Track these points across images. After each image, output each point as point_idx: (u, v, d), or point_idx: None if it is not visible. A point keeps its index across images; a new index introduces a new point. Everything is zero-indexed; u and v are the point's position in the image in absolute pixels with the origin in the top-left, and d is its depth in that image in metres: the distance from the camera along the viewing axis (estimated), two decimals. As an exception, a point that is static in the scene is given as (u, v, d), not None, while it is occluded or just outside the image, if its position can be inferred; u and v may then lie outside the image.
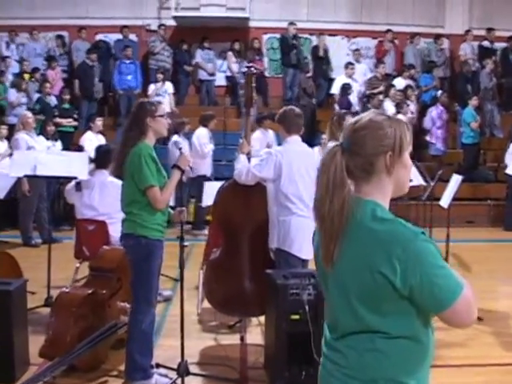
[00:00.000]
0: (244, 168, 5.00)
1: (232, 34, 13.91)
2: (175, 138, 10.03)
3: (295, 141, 5.14)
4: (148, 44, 14.14)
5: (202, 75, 14.19)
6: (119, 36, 14.31)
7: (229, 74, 14.08)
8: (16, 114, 12.09)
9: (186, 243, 4.40)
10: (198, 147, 10.35)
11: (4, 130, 9.94)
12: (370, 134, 1.99)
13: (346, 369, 1.97)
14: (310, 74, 13.77)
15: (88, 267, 5.34)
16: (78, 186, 6.29)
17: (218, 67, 14.40)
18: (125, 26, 14.24)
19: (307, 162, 5.07)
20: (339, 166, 1.96)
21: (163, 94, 12.92)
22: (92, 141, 10.20)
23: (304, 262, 5.08)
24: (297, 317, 4.39)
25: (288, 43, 13.37)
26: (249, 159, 5.12)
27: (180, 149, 4.56)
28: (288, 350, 4.44)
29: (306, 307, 4.34)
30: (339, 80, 13.01)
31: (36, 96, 12.22)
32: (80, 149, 9.88)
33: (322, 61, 13.76)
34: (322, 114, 12.74)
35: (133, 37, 14.49)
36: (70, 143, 11.49)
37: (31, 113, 9.90)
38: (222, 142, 12.65)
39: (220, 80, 14.47)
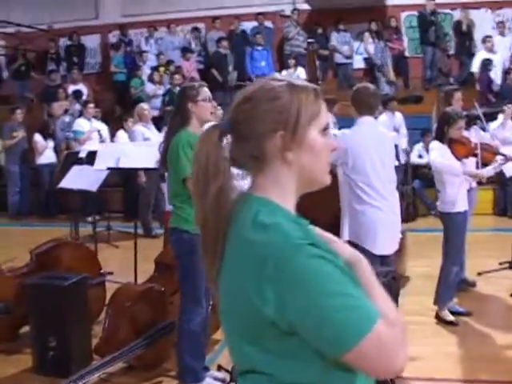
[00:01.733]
0: None
1: (368, 13, 13.15)
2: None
3: (366, 122, 4.59)
4: (283, 30, 13.87)
5: (339, 58, 13.64)
6: (255, 24, 14.21)
7: (366, 55, 13.42)
8: (153, 106, 12.41)
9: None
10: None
11: (130, 123, 10.14)
12: (255, 108, 1.45)
13: None
14: (451, 52, 12.75)
15: (154, 262, 5.14)
16: (163, 178, 6.15)
17: (355, 49, 13.78)
18: (260, 13, 14.09)
19: (379, 145, 4.52)
20: (213, 153, 1.45)
21: (295, 79, 12.58)
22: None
23: (383, 258, 4.56)
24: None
25: (426, 20, 12.41)
26: None
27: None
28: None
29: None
30: (479, 56, 11.91)
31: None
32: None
33: (465, 37, 12.64)
34: (464, 95, 11.70)
35: (268, 23, 14.31)
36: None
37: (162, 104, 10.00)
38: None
39: (358, 63, 13.84)
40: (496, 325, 5.30)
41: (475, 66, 12.00)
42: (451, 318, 5.35)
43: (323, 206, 4.66)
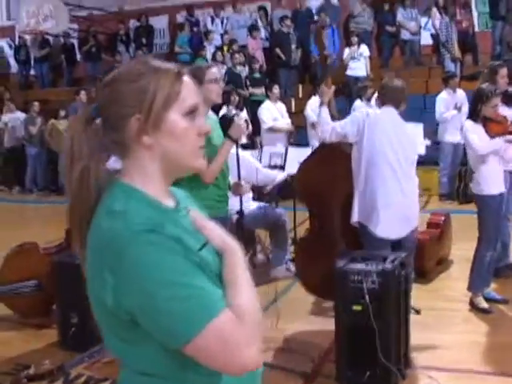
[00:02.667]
0: (328, 125, 4.47)
1: (436, -13, 12.70)
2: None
3: (387, 111, 4.53)
4: (348, 7, 13.60)
5: (405, 35, 13.24)
6: (321, 1, 13.98)
7: (433, 31, 12.96)
8: (215, 86, 12.46)
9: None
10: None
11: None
12: (115, 91, 1.42)
13: None
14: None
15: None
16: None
17: (423, 25, 13.34)
18: (326, -10, 13.86)
19: (399, 129, 4.43)
20: (77, 136, 1.43)
21: (358, 57, 12.35)
22: (270, 109, 10.10)
23: (396, 242, 4.44)
24: (359, 308, 3.80)
25: (497, -7, 11.89)
26: (332, 117, 4.59)
27: (233, 116, 4.17)
28: (350, 346, 3.86)
29: (367, 297, 3.73)
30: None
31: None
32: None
33: (537, 11, 12.02)
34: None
35: (334, 1, 14.05)
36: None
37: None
38: (422, 105, 11.78)
39: (426, 39, 13.38)
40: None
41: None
42: (485, 305, 5.13)
43: (340, 186, 4.59)
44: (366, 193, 4.35)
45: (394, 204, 4.29)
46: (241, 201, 4.12)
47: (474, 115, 5.02)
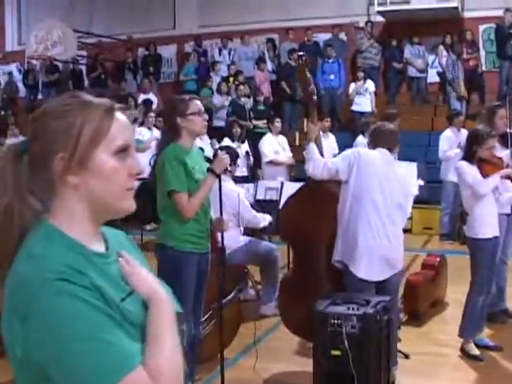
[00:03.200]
0: (319, 161, 4.37)
1: (443, 26, 12.60)
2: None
3: (381, 151, 4.41)
4: (356, 42, 13.59)
5: (412, 72, 13.19)
6: (329, 35, 13.99)
7: (440, 69, 12.92)
8: (220, 117, 12.45)
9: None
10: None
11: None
12: (42, 126, 1.34)
13: None
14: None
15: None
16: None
17: (430, 63, 13.30)
18: (335, 25, 13.87)
19: (389, 168, 4.31)
20: (3, 171, 1.34)
21: (364, 92, 12.30)
22: (271, 142, 10.03)
23: (380, 284, 4.30)
24: (338, 352, 3.65)
25: (504, 33, 11.77)
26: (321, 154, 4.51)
27: (216, 150, 4.09)
28: (329, 392, 3.72)
29: (346, 342, 3.59)
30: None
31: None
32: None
33: (544, 51, 11.94)
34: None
35: (342, 36, 14.07)
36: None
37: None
38: (427, 142, 11.71)
39: (432, 76, 13.32)
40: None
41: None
42: (476, 352, 4.96)
43: (325, 225, 4.47)
44: (348, 232, 4.23)
45: (376, 246, 4.16)
46: (222, 237, 4.00)
47: (468, 156, 4.91)
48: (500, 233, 5.43)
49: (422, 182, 5.92)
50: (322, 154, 4.58)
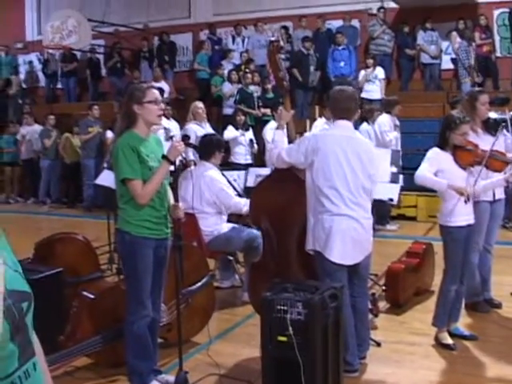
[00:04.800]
0: (276, 149, 4.39)
1: (457, 12, 12.43)
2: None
3: (341, 126, 4.38)
4: (368, 29, 13.46)
5: (425, 58, 13.03)
6: (342, 22, 13.87)
7: (454, 56, 12.72)
8: (230, 105, 12.47)
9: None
10: (378, 135, 9.51)
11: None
12: None
13: None
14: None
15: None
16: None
17: (444, 49, 13.10)
18: (348, 12, 13.76)
19: (351, 150, 4.27)
20: None
21: (373, 79, 12.18)
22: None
23: (351, 267, 4.31)
24: (284, 338, 3.66)
25: (516, 17, 11.59)
26: (290, 141, 4.51)
27: (171, 137, 4.11)
28: (276, 377, 3.73)
29: (290, 329, 3.60)
30: None
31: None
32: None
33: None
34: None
35: (355, 22, 13.94)
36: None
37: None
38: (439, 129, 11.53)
39: (446, 63, 13.13)
40: (500, 355, 4.76)
41: None
42: (448, 341, 4.92)
43: (295, 210, 4.47)
44: (317, 219, 4.23)
45: (347, 229, 4.17)
46: (179, 223, 4.02)
47: (441, 142, 4.85)
48: (482, 219, 5.38)
49: (395, 169, 5.86)
50: (291, 141, 4.59)
